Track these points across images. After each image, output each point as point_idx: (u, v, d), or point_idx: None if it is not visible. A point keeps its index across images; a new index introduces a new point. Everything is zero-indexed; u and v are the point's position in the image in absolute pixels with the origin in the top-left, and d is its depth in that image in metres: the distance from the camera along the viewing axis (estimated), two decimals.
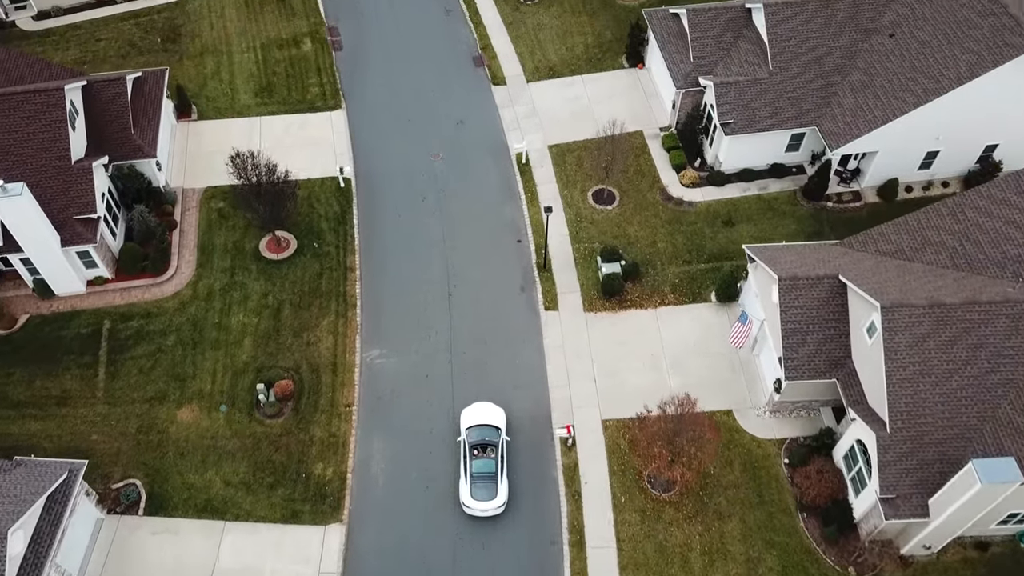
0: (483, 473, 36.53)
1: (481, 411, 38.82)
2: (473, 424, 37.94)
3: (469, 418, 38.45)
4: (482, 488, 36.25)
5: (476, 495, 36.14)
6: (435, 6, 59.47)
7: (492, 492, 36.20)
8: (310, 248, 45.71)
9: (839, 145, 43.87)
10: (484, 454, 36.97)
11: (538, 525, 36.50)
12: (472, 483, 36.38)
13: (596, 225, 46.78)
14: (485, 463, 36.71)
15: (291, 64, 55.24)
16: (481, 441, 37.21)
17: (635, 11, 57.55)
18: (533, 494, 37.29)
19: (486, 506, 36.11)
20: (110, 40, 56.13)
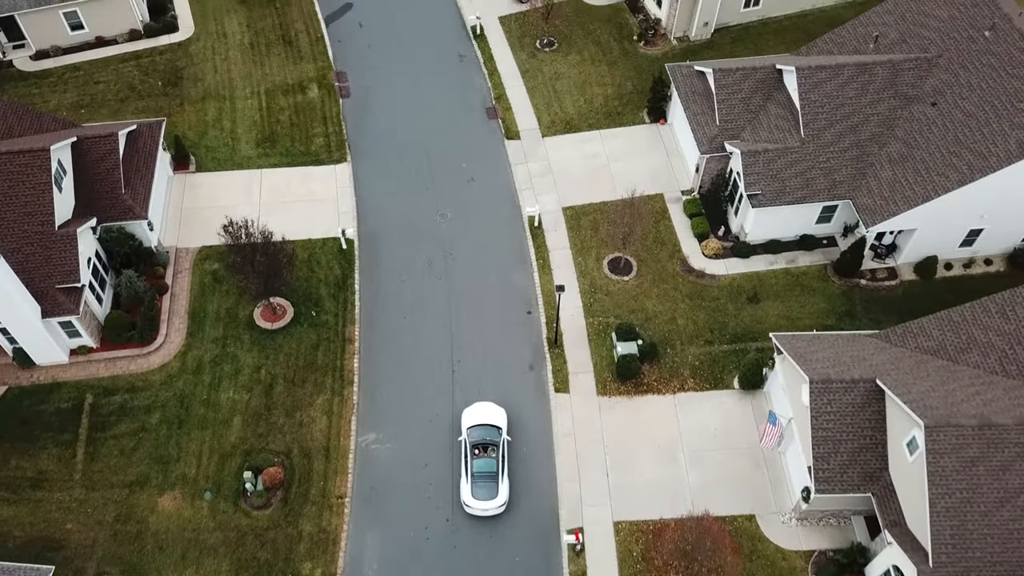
0: (484, 472, 36.82)
1: (482, 411, 38.90)
2: (474, 424, 38.13)
3: (470, 418, 38.60)
4: (483, 487, 36.55)
5: (477, 494, 36.49)
6: (448, 50, 56.92)
7: (493, 491, 36.53)
8: (307, 317, 43.11)
9: (875, 222, 40.83)
10: (485, 454, 37.21)
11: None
12: (473, 482, 36.70)
13: (611, 297, 43.91)
14: (486, 462, 36.98)
15: (296, 112, 52.77)
16: (482, 441, 37.42)
17: (658, 61, 54.77)
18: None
19: (487, 505, 36.41)
20: (109, 83, 53.88)
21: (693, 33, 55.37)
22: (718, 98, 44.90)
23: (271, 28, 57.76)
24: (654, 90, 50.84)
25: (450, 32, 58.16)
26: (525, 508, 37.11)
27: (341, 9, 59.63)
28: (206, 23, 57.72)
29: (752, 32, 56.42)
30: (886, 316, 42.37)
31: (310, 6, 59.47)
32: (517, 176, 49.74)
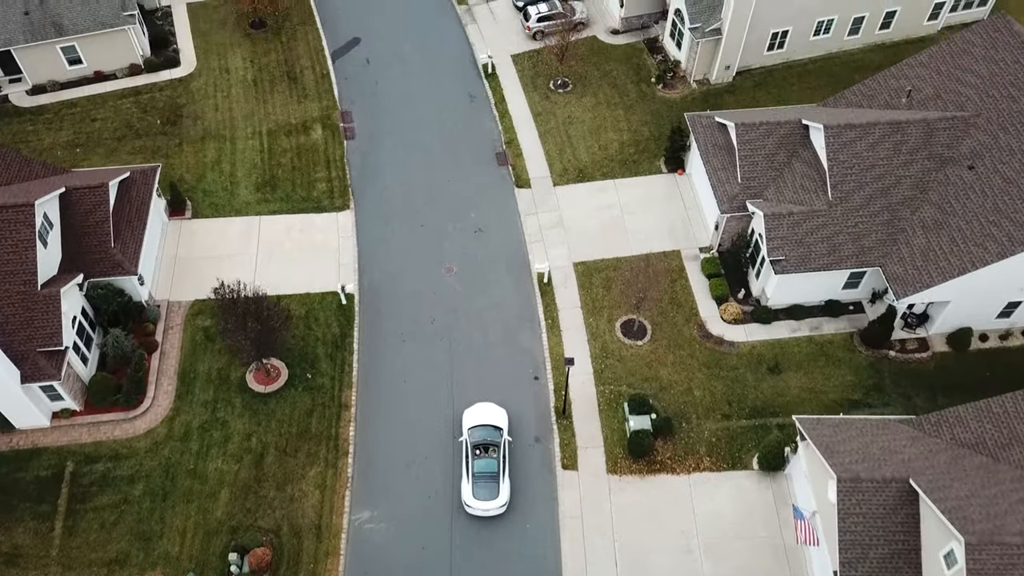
0: (485, 473, 36.81)
1: (483, 411, 38.85)
2: (475, 424, 38.15)
3: (471, 418, 38.56)
4: (484, 488, 36.52)
5: (478, 494, 36.44)
6: (459, 90, 54.74)
7: (494, 492, 36.50)
8: (302, 379, 40.93)
9: (907, 294, 38.28)
10: (486, 454, 37.19)
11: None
12: (474, 483, 36.67)
13: (624, 364, 41.52)
14: (487, 463, 36.96)
15: (298, 154, 50.71)
16: (483, 441, 37.43)
17: (676, 105, 52.43)
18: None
19: (488, 506, 36.35)
20: (107, 120, 52.00)
21: (714, 76, 53.01)
22: (740, 154, 42.50)
23: (276, 64, 55.81)
24: (672, 139, 48.47)
25: (461, 70, 56.05)
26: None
27: (348, 44, 57.63)
28: (208, 58, 55.84)
29: (775, 76, 54.02)
30: (917, 391, 39.81)
31: (317, 40, 57.51)
32: (527, 227, 47.45)
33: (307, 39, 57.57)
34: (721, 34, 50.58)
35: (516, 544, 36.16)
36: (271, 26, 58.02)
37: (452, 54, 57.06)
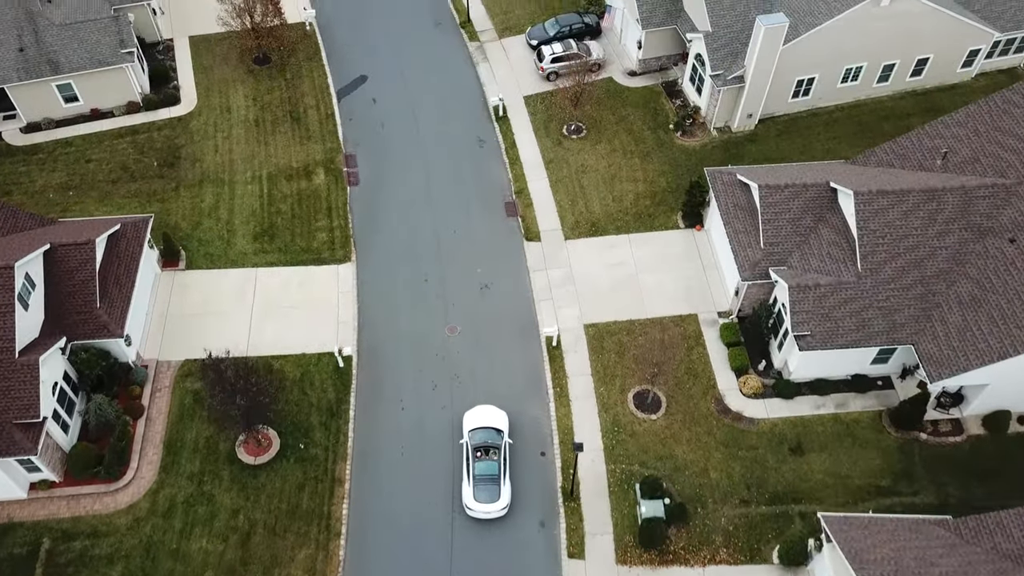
0: (486, 475, 36.70)
1: (483, 414, 38.68)
2: (475, 427, 37.98)
3: (471, 421, 38.40)
4: (485, 490, 36.38)
5: (479, 497, 36.28)
6: (468, 134, 52.50)
7: (495, 494, 36.34)
8: (295, 450, 38.69)
9: (941, 377, 35.68)
10: (487, 456, 37.07)
11: None
12: (475, 485, 36.52)
13: (636, 439, 39.07)
14: (488, 465, 36.86)
15: (299, 201, 48.59)
16: (484, 443, 37.29)
17: (695, 154, 50.04)
18: None
19: (489, 508, 36.21)
20: (102, 161, 50.08)
21: (735, 124, 50.56)
22: (763, 218, 40.02)
23: (279, 102, 53.77)
24: (690, 194, 46.05)
25: (470, 112, 53.80)
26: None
27: (355, 82, 55.52)
28: (210, 95, 53.86)
29: (800, 124, 51.50)
30: (950, 478, 37.15)
31: (322, 78, 55.44)
32: (536, 284, 45.11)
33: (312, 76, 55.53)
34: (744, 82, 48.18)
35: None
36: (276, 62, 56.04)
37: (462, 94, 54.84)
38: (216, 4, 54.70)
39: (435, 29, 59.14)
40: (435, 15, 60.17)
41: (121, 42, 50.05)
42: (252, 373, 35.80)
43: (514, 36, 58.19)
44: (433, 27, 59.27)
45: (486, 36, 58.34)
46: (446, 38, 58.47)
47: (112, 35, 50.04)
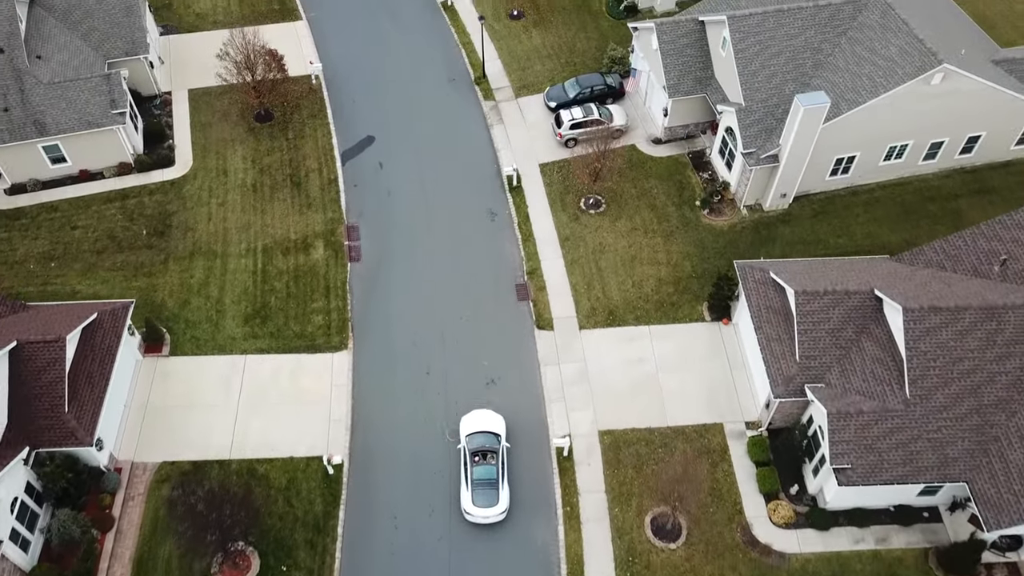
0: (484, 480, 36.55)
1: (481, 418, 38.57)
2: (473, 431, 37.85)
3: (469, 425, 38.31)
4: (483, 495, 36.27)
5: (478, 502, 36.18)
6: (479, 205, 48.95)
7: (494, 499, 36.25)
8: (276, 573, 35.20)
9: (1000, 525, 31.63)
10: (485, 461, 36.92)
11: None
12: (473, 490, 36.33)
13: (652, 572, 35.23)
14: (486, 470, 36.72)
15: (295, 279, 45.25)
16: (481, 448, 37.16)
17: (723, 235, 46.27)
18: None
19: (488, 512, 36.08)
20: (88, 228, 47.00)
21: (768, 203, 46.75)
22: (800, 328, 36.17)
23: (279, 165, 50.55)
24: (718, 285, 42.30)
25: (482, 179, 50.28)
26: None
27: (362, 143, 52.15)
28: (206, 156, 50.72)
29: (838, 203, 47.58)
30: None
31: (327, 138, 52.19)
32: (546, 381, 41.45)
33: (316, 136, 52.28)
34: (778, 162, 44.43)
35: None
36: (278, 119, 52.88)
37: (474, 160, 51.34)
38: (216, 58, 51.65)
39: (448, 86, 55.79)
40: (449, 70, 56.84)
41: (112, 102, 47.04)
42: (227, 501, 32.31)
43: (532, 95, 54.68)
44: (446, 83, 55.93)
45: (502, 95, 54.89)
46: (460, 96, 55.07)
47: (103, 95, 47.05)
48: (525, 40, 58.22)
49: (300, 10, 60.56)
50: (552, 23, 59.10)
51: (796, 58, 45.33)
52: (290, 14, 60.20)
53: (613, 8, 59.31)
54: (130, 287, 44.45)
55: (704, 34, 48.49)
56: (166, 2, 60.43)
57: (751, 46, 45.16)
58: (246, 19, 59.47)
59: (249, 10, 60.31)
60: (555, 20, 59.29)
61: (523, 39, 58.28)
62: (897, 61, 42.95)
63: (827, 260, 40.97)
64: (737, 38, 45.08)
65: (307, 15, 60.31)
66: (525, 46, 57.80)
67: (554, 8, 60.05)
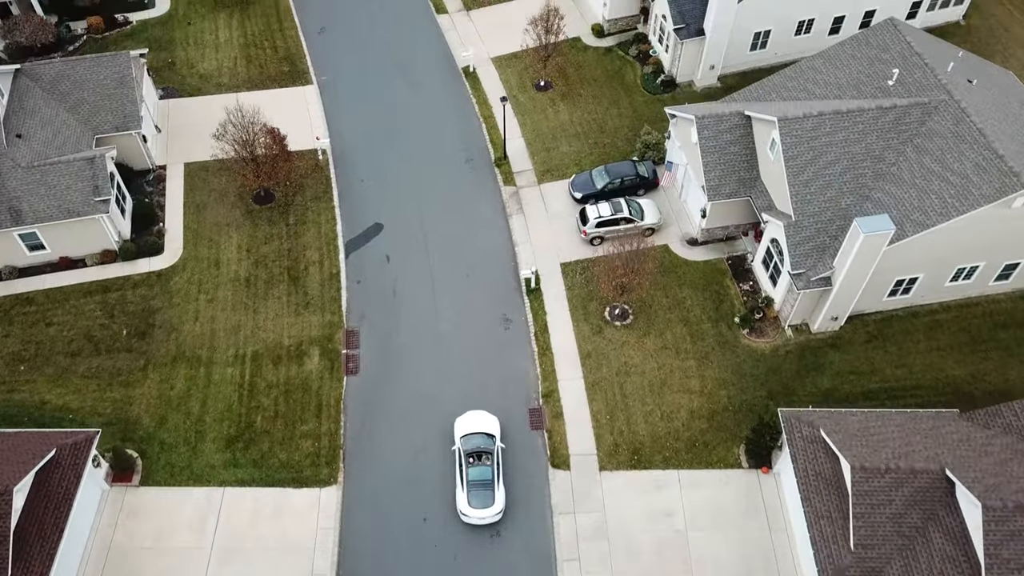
0: (480, 481, 36.49)
1: (475, 420, 38.54)
2: (467, 433, 37.83)
3: (463, 427, 38.23)
4: (479, 496, 36.23)
5: (473, 503, 36.13)
6: (493, 310, 44.16)
7: (489, 499, 36.23)
8: None
9: None
10: (480, 462, 36.92)
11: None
12: (469, 491, 36.33)
13: None
14: (481, 471, 36.68)
15: (285, 394, 40.81)
16: (476, 449, 37.17)
17: (765, 360, 41.22)
18: None
19: (483, 513, 36.04)
20: (64, 326, 42.90)
21: (816, 325, 41.60)
22: (855, 510, 30.96)
23: (276, 256, 46.21)
24: (757, 431, 37.27)
25: (498, 279, 45.51)
26: None
27: (368, 232, 47.60)
28: (198, 244, 46.50)
29: (896, 327, 42.29)
30: None
31: (330, 225, 47.78)
32: (560, 533, 36.59)
33: (319, 222, 47.88)
34: (831, 284, 39.33)
35: None
36: (279, 201, 48.63)
37: (490, 255, 46.60)
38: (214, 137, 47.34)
39: (465, 166, 51.20)
40: (468, 147, 52.22)
41: (95, 189, 42.99)
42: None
43: (556, 181, 49.89)
44: (464, 163, 51.34)
45: (524, 179, 50.17)
46: (477, 179, 50.43)
47: (85, 181, 43.02)
48: (551, 115, 53.49)
49: (311, 73, 56.36)
50: (581, 96, 54.34)
51: (855, 167, 40.20)
52: (300, 77, 56.00)
53: (649, 81, 54.45)
54: (104, 399, 40.32)
55: (750, 129, 43.52)
56: (168, 61, 56.50)
57: (804, 152, 40.09)
58: (253, 81, 55.46)
59: (257, 71, 56.21)
60: (585, 93, 54.53)
61: (549, 114, 53.56)
62: (972, 179, 37.69)
63: (886, 414, 35.66)
64: (788, 143, 40.04)
65: (318, 79, 56.10)
66: (551, 122, 53.06)
67: (584, 79, 55.29)
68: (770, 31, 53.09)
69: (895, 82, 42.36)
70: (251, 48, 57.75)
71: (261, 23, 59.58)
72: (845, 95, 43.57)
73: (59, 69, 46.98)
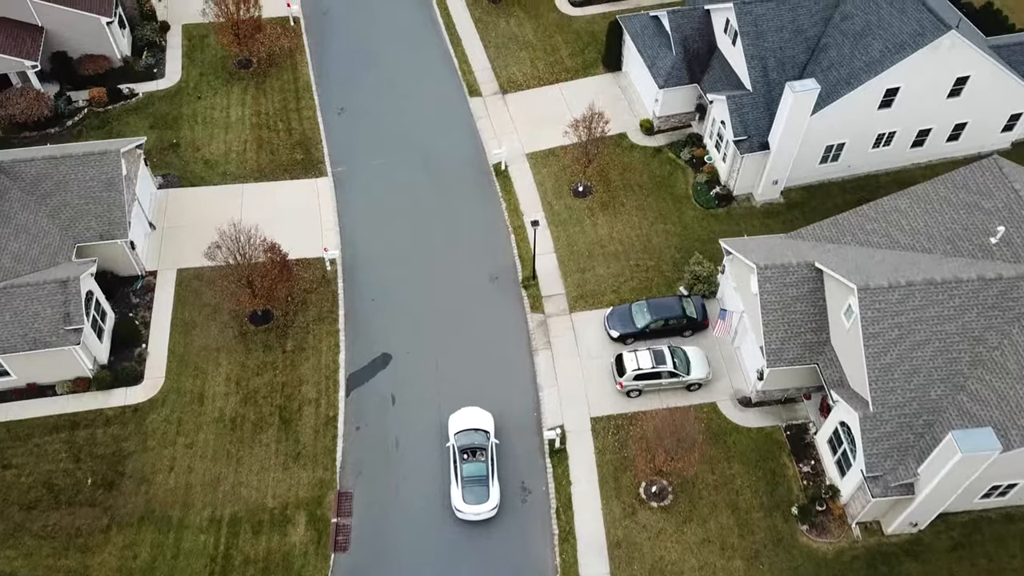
0: (474, 477, 36.38)
1: (469, 416, 38.29)
2: (461, 429, 37.64)
3: (457, 423, 38.07)
4: (473, 492, 36.09)
5: (468, 499, 35.98)
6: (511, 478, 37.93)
7: (484, 495, 36.10)
8: None
9: None
10: (474, 458, 36.75)
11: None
12: (464, 487, 36.21)
13: None
14: (476, 467, 36.57)
15: (263, 572, 35.30)
16: (470, 445, 36.97)
17: (826, 567, 34.71)
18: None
19: (479, 509, 35.93)
20: (23, 469, 37.73)
21: (891, 528, 35.00)
22: None
23: (268, 391, 40.75)
24: None
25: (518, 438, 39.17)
26: None
27: (374, 364, 41.80)
28: (182, 374, 41.16)
29: (986, 532, 35.66)
30: None
31: (332, 354, 42.09)
32: None
33: (320, 349, 42.36)
34: (913, 493, 32.78)
35: None
36: (278, 321, 43.25)
37: (512, 408, 40.23)
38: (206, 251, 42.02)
39: (490, 285, 45.36)
40: (493, 261, 46.33)
41: (66, 317, 37.97)
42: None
43: (590, 311, 43.80)
44: (488, 282, 45.53)
45: (553, 305, 44.18)
46: (502, 302, 44.53)
47: (55, 307, 38.00)
48: (589, 227, 47.45)
49: (327, 162, 50.99)
50: (624, 206, 48.23)
51: (948, 350, 33.54)
52: (314, 168, 50.62)
53: (702, 192, 48.18)
54: (56, 568, 35.18)
55: (821, 284, 37.11)
56: (173, 142, 51.49)
57: (888, 330, 33.56)
58: (262, 170, 50.25)
59: (267, 159, 50.96)
60: (628, 202, 48.40)
61: (586, 226, 47.52)
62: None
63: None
64: (870, 317, 33.54)
65: (334, 170, 50.74)
66: (588, 236, 47.01)
67: (629, 185, 49.19)
68: (844, 144, 46.67)
69: (999, 241, 35.68)
70: (264, 129, 52.58)
71: (277, 100, 54.42)
72: (936, 249, 36.96)
73: (41, 168, 42.04)
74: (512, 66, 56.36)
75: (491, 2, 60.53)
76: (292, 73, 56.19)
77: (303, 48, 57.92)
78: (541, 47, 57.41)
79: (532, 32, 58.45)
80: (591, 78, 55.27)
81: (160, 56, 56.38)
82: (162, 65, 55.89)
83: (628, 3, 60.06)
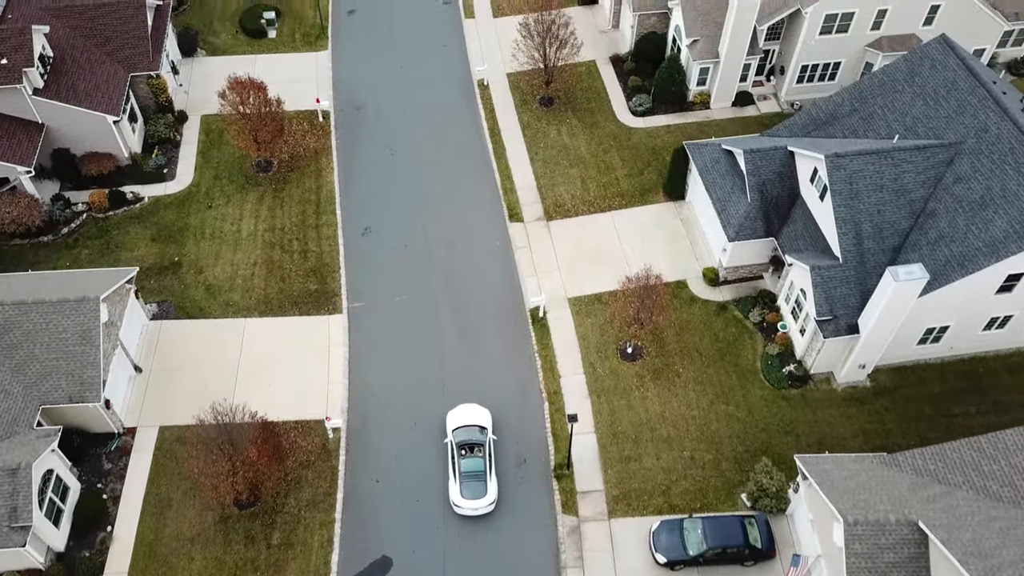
0: (472, 472, 36.53)
1: (467, 412, 38.49)
2: (459, 425, 37.83)
3: (455, 420, 38.23)
4: (471, 487, 36.21)
5: (466, 494, 36.12)
6: None
7: (482, 491, 36.17)
8: None
9: None
10: (472, 454, 36.92)
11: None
12: (462, 482, 36.36)
13: None
14: (474, 462, 36.73)
15: None
16: (468, 441, 37.15)
17: None
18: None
19: (476, 504, 35.99)
20: None
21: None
22: None
23: None
24: None
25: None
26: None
27: (372, 570, 35.37)
28: (147, 570, 35.01)
29: None
30: None
31: (325, 552, 35.61)
32: None
33: (311, 546, 35.89)
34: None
35: None
36: (265, 504, 36.99)
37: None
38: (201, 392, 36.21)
39: (516, 472, 38.40)
40: (522, 441, 39.23)
41: (13, 512, 32.15)
42: None
43: (633, 517, 36.70)
44: (514, 467, 38.58)
45: (589, 507, 37.18)
46: (529, 496, 37.49)
47: (1, 499, 32.38)
48: (637, 402, 40.50)
49: (343, 296, 44.93)
50: (680, 377, 41.22)
51: None
52: (328, 302, 44.55)
53: (773, 368, 40.96)
54: None
55: (925, 548, 29.63)
56: (175, 260, 46.02)
57: None
58: (270, 302, 44.43)
59: (277, 288, 45.09)
60: (685, 372, 41.38)
61: (634, 399, 40.57)
62: None
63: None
64: None
65: (350, 305, 44.68)
66: (636, 414, 40.06)
67: (687, 350, 42.14)
68: (948, 327, 39.15)
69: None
70: (276, 249, 46.80)
71: (295, 213, 48.63)
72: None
73: (9, 315, 36.55)
74: (560, 186, 49.86)
75: (542, 105, 54.25)
76: (315, 180, 50.45)
77: (330, 150, 52.22)
78: (594, 164, 50.82)
79: (585, 145, 51.92)
80: (649, 206, 48.56)
81: (173, 153, 51.19)
82: (173, 164, 50.66)
83: (697, 115, 53.29)
